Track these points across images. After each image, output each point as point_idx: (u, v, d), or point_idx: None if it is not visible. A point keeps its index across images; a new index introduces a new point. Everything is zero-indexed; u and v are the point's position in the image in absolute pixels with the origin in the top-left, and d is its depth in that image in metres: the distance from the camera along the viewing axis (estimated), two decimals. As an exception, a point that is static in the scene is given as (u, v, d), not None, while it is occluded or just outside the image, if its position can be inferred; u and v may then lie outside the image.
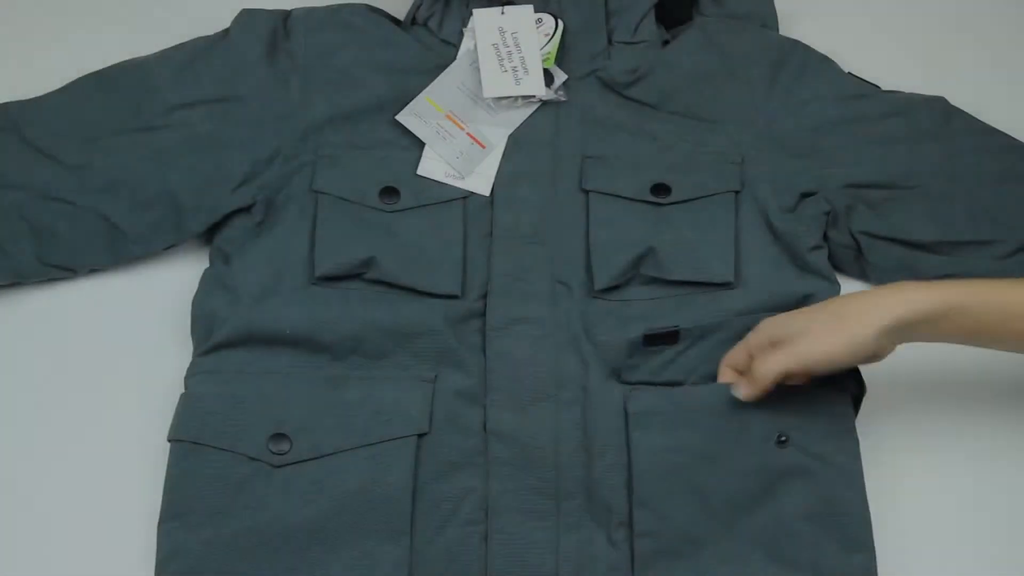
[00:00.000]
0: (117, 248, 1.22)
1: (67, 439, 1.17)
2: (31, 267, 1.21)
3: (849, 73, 1.29)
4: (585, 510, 1.08)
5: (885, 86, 1.29)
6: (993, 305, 1.01)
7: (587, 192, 1.21)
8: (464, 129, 1.24)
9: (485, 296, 1.16)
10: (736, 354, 1.09)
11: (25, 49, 1.41)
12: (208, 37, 1.29)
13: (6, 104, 1.27)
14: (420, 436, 1.10)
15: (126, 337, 1.22)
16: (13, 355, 1.22)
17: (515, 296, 1.16)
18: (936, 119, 1.26)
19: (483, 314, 1.15)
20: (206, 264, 1.22)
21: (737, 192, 1.22)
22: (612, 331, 1.15)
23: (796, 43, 1.30)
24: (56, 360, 1.21)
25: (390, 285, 1.16)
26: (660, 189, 1.21)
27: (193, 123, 1.24)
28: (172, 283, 1.23)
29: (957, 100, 1.28)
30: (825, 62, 1.29)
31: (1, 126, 1.25)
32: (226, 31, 1.29)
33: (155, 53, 1.29)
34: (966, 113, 1.27)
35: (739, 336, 1.10)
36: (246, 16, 1.29)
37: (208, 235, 1.23)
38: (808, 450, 1.08)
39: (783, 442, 1.07)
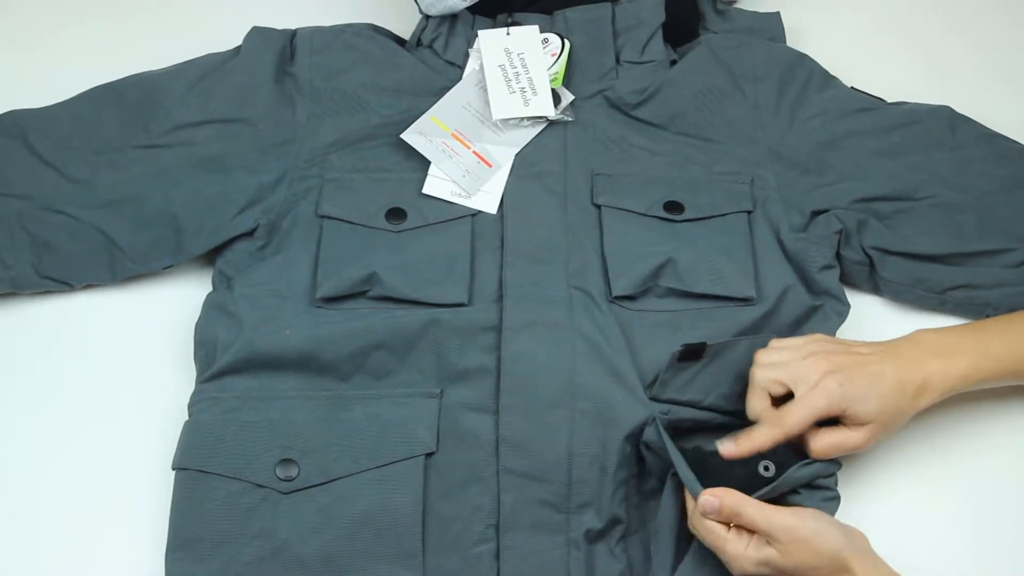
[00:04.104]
0: (115, 265, 1.22)
1: (67, 463, 1.16)
2: (28, 278, 1.22)
3: (852, 87, 1.29)
4: (594, 524, 1.07)
5: (893, 98, 1.29)
6: None
7: (599, 207, 1.20)
8: (470, 148, 1.24)
9: (495, 303, 1.14)
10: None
11: (36, 59, 1.42)
12: (219, 55, 1.29)
13: (15, 112, 1.28)
14: (428, 456, 1.08)
15: (128, 360, 1.22)
16: (12, 380, 1.21)
17: (532, 300, 1.14)
18: (943, 128, 1.25)
19: (493, 323, 1.13)
20: (210, 286, 1.21)
21: (749, 212, 1.21)
22: (636, 342, 1.13)
23: (803, 57, 1.29)
24: (56, 383, 1.20)
25: (395, 301, 1.15)
26: (673, 207, 1.20)
27: (199, 143, 1.24)
28: (176, 305, 1.23)
29: (965, 110, 1.27)
30: (830, 77, 1.29)
31: (9, 133, 1.26)
32: (237, 49, 1.29)
33: (166, 68, 1.29)
34: (973, 121, 1.26)
35: (752, 357, 1.09)
36: (256, 35, 1.29)
37: (212, 257, 1.23)
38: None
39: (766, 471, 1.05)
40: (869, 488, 1.13)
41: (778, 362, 1.07)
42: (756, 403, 1.06)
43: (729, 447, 1.04)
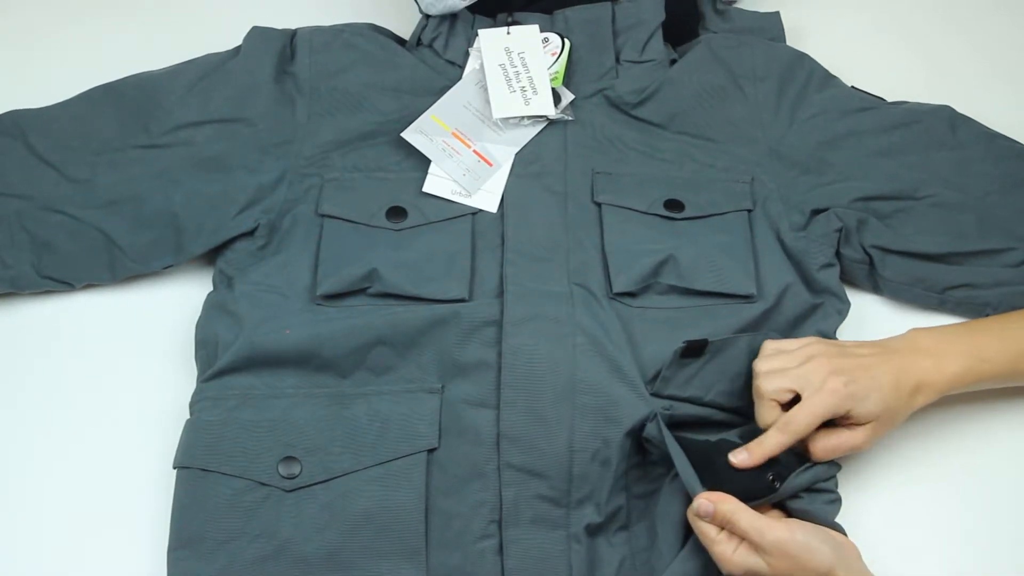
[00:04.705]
0: (115, 265, 1.22)
1: (67, 463, 1.16)
2: (28, 278, 1.22)
3: (852, 87, 1.29)
4: (594, 519, 1.07)
5: (893, 98, 1.29)
6: None
7: (599, 204, 1.20)
8: (471, 147, 1.23)
9: (495, 298, 1.14)
10: None
11: (36, 59, 1.42)
12: (219, 55, 1.29)
13: (15, 112, 1.27)
14: (430, 452, 1.08)
15: (128, 360, 1.21)
16: (12, 380, 1.20)
17: (532, 296, 1.13)
18: (943, 128, 1.25)
19: (494, 317, 1.12)
20: (210, 286, 1.21)
21: (750, 211, 1.20)
22: (636, 338, 1.12)
23: (803, 56, 1.29)
24: (56, 383, 1.20)
25: (395, 297, 1.14)
26: (673, 205, 1.20)
27: (199, 143, 1.24)
28: (177, 305, 1.23)
29: (965, 110, 1.27)
30: (830, 77, 1.29)
31: (9, 133, 1.25)
32: (237, 49, 1.29)
33: (166, 68, 1.29)
34: (973, 120, 1.26)
35: (751, 354, 1.10)
36: (256, 35, 1.29)
37: (212, 256, 1.22)
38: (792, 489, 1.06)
39: (772, 481, 1.05)
40: (868, 488, 1.13)
41: (779, 369, 1.06)
42: (766, 414, 1.06)
43: (742, 457, 1.03)
